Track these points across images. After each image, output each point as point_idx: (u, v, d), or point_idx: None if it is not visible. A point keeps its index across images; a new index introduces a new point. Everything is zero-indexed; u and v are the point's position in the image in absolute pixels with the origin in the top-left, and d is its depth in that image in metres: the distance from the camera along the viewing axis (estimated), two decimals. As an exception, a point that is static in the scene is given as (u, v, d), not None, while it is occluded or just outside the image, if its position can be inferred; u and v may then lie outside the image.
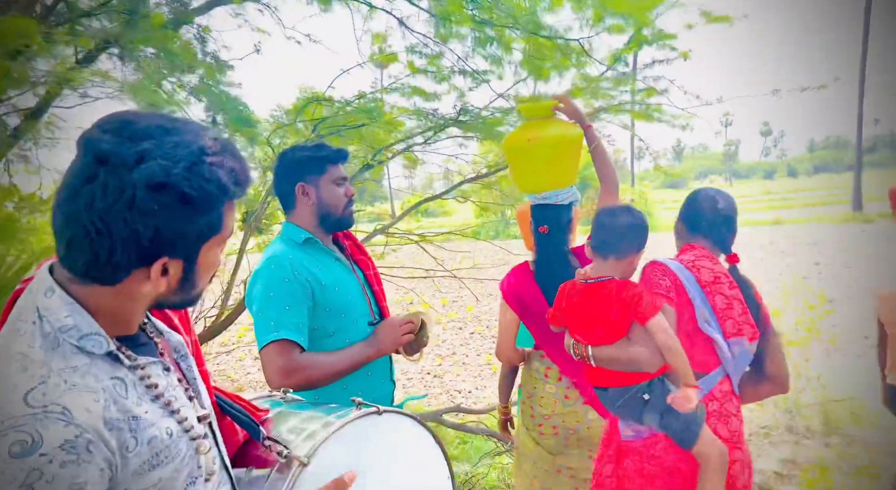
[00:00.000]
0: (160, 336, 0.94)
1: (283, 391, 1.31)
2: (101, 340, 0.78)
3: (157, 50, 2.79)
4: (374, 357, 1.84)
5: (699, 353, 1.75)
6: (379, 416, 1.10)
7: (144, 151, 0.74)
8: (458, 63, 2.91)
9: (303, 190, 1.88)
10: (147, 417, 0.79)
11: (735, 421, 1.79)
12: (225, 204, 0.82)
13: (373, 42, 3.41)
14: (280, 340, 1.68)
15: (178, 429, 0.83)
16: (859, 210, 23.45)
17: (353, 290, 1.91)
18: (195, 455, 0.85)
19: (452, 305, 10.56)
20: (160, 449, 0.79)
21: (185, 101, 3.07)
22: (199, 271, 0.85)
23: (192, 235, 0.80)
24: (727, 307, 1.78)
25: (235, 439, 1.08)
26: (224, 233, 0.85)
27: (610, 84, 2.96)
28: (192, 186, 0.76)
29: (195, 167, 0.76)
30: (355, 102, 3.11)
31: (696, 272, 1.80)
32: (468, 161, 4.06)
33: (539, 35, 2.43)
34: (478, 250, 5.12)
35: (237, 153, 0.84)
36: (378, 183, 5.84)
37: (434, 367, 7.21)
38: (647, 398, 1.69)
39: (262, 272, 1.79)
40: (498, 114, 3.09)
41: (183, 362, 0.96)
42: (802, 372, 4.50)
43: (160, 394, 0.83)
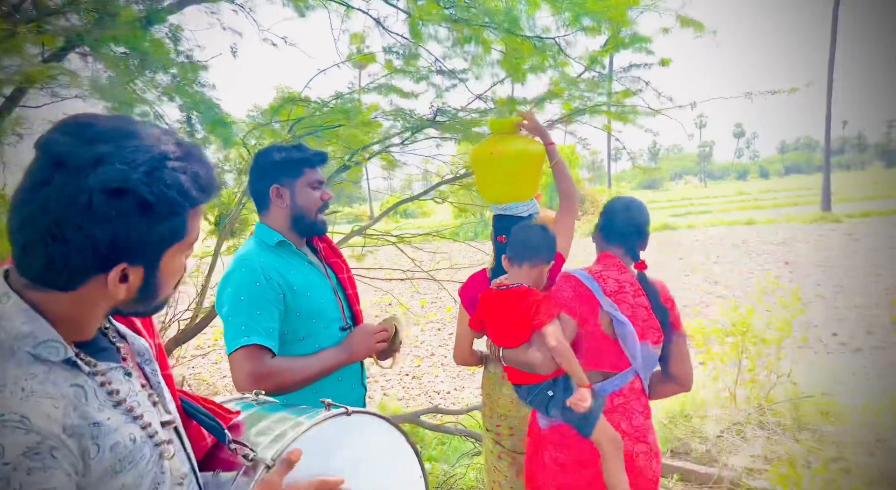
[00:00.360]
0: (123, 341, 0.93)
1: (255, 393, 1.30)
2: (58, 347, 0.76)
3: (127, 48, 2.74)
4: (346, 363, 1.83)
5: (609, 355, 1.94)
6: (348, 417, 1.09)
7: (102, 155, 0.72)
8: (435, 63, 2.92)
9: (277, 192, 1.85)
10: (109, 424, 0.78)
11: (640, 417, 1.95)
12: (189, 210, 0.80)
13: (350, 42, 3.39)
14: (250, 346, 1.66)
15: (141, 435, 0.82)
16: (828, 210, 24.00)
17: (326, 295, 1.89)
18: (159, 460, 0.84)
19: (431, 306, 10.56)
20: (123, 455, 0.78)
21: (158, 101, 3.02)
22: (161, 278, 0.83)
23: (153, 242, 0.78)
24: (632, 314, 1.94)
25: (203, 443, 1.07)
26: (188, 239, 0.83)
27: (587, 86, 2.99)
28: (151, 192, 0.74)
29: (155, 172, 0.75)
30: (332, 103, 3.09)
31: (602, 282, 1.97)
32: (446, 162, 4.06)
33: (516, 34, 2.44)
34: (456, 251, 5.13)
35: (203, 158, 0.82)
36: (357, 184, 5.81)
37: (413, 368, 7.19)
38: (550, 394, 1.90)
39: (233, 275, 1.76)
40: (475, 114, 3.10)
41: (147, 367, 0.95)
42: (774, 369, 4.59)
43: (122, 400, 0.82)
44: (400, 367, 7.22)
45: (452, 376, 6.77)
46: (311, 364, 1.75)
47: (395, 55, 3.00)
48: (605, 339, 1.94)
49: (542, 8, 2.52)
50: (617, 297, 1.94)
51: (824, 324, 7.86)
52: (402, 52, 2.96)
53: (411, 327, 9.20)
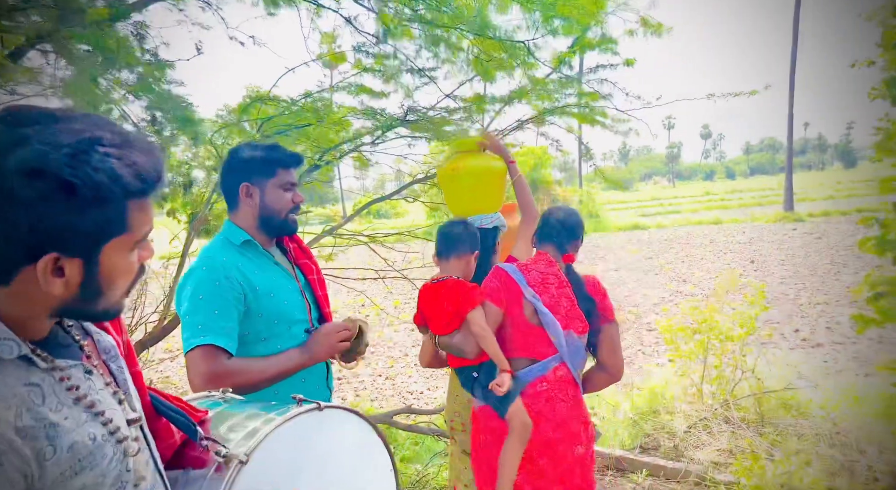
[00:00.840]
0: (87, 338, 0.91)
1: (222, 391, 1.29)
2: (10, 345, 0.74)
3: (91, 46, 2.68)
4: (307, 364, 1.79)
5: (534, 342, 2.09)
6: (320, 412, 1.10)
7: (23, 137, 0.70)
8: (405, 62, 2.92)
9: (247, 190, 1.83)
10: (66, 424, 0.76)
11: (563, 405, 2.05)
12: (128, 201, 0.76)
13: (321, 41, 3.38)
14: (206, 345, 1.63)
15: (102, 433, 0.80)
16: (791, 210, 24.67)
17: (291, 297, 1.86)
18: (123, 459, 0.82)
19: (405, 307, 10.54)
20: (83, 455, 0.76)
21: (123, 100, 2.96)
22: (104, 276, 0.79)
23: (84, 231, 0.74)
24: (554, 303, 2.09)
25: (172, 441, 1.06)
26: (133, 234, 0.79)
27: (556, 86, 3.02)
28: (75, 175, 0.70)
29: (81, 155, 0.71)
30: (301, 102, 3.07)
31: (527, 274, 2.13)
32: (418, 161, 4.07)
33: (486, 36, 2.46)
34: (429, 251, 5.13)
35: (146, 148, 0.78)
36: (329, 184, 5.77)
37: (386, 369, 7.18)
38: (475, 376, 2.11)
39: (193, 274, 1.74)
40: (445, 113, 3.11)
41: (113, 364, 0.93)
42: (739, 365, 4.71)
43: (82, 396, 0.80)
44: (373, 369, 7.20)
45: (426, 377, 6.77)
46: (270, 365, 1.72)
47: (364, 54, 2.99)
48: (530, 328, 2.09)
49: (511, 8, 2.55)
50: (539, 288, 2.10)
51: (787, 320, 8.09)
52: (372, 51, 2.96)
53: (375, 330, 9.18)
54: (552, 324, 2.06)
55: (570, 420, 2.06)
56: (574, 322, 2.10)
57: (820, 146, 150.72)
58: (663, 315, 8.11)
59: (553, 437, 2.03)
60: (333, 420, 1.13)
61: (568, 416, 2.05)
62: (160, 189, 0.81)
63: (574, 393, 2.09)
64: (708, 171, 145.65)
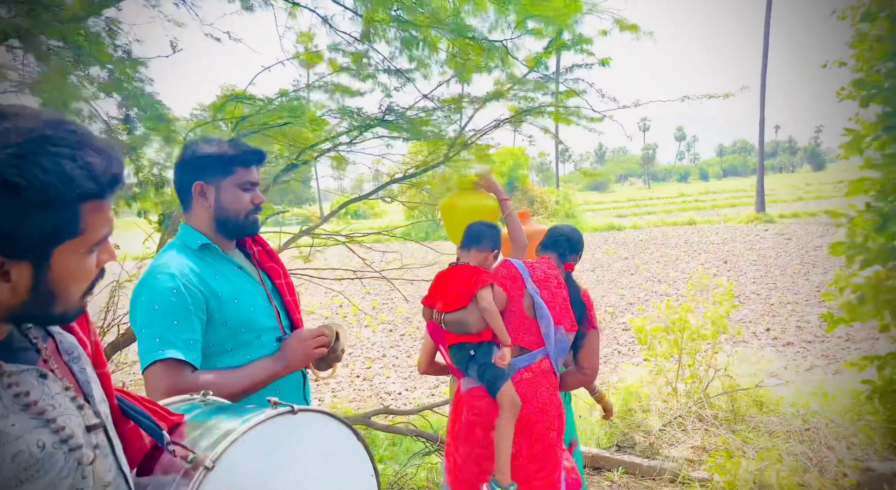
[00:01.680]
0: (48, 339, 0.87)
1: (202, 393, 1.26)
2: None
3: (61, 42, 2.62)
4: (281, 374, 1.66)
5: (526, 333, 2.29)
6: (294, 415, 1.07)
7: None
8: (383, 62, 2.91)
9: (200, 189, 1.68)
10: (11, 431, 0.72)
11: (544, 393, 2.25)
12: (81, 203, 0.73)
13: (297, 40, 3.35)
14: (165, 360, 1.50)
15: (52, 440, 0.77)
16: (762, 211, 25.17)
17: (257, 303, 1.72)
18: (77, 467, 0.79)
19: (382, 307, 10.51)
20: (28, 463, 0.73)
21: (94, 97, 2.90)
22: (56, 281, 0.76)
23: (32, 235, 0.71)
24: (551, 299, 2.30)
25: (141, 445, 1.02)
26: (87, 237, 0.76)
27: (533, 86, 3.04)
28: (21, 176, 0.67)
29: (29, 156, 0.68)
30: (277, 101, 3.04)
31: (532, 270, 2.34)
32: (396, 161, 4.06)
33: (463, 36, 2.47)
34: (407, 251, 5.13)
35: (102, 148, 0.75)
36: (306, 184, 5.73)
37: (363, 369, 7.14)
38: (472, 354, 2.24)
39: (147, 283, 1.59)
40: (422, 114, 3.11)
41: (75, 365, 0.89)
42: (712, 364, 4.79)
43: (31, 402, 0.76)
44: (351, 369, 7.16)
45: (404, 377, 6.76)
46: (241, 377, 1.58)
47: (341, 54, 2.98)
48: (526, 319, 2.29)
49: (488, 9, 2.56)
50: (541, 284, 2.32)
51: (758, 319, 8.25)
52: (349, 50, 2.94)
53: (352, 331, 9.13)
54: (546, 317, 2.26)
55: (549, 406, 2.24)
56: (565, 320, 2.30)
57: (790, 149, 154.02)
58: (638, 315, 8.21)
59: (532, 418, 2.21)
60: (309, 424, 1.10)
61: (546, 402, 2.24)
62: (118, 190, 0.78)
63: (553, 383, 2.28)
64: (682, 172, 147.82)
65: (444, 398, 5.37)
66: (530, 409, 2.20)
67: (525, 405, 2.19)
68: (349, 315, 9.99)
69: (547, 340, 2.27)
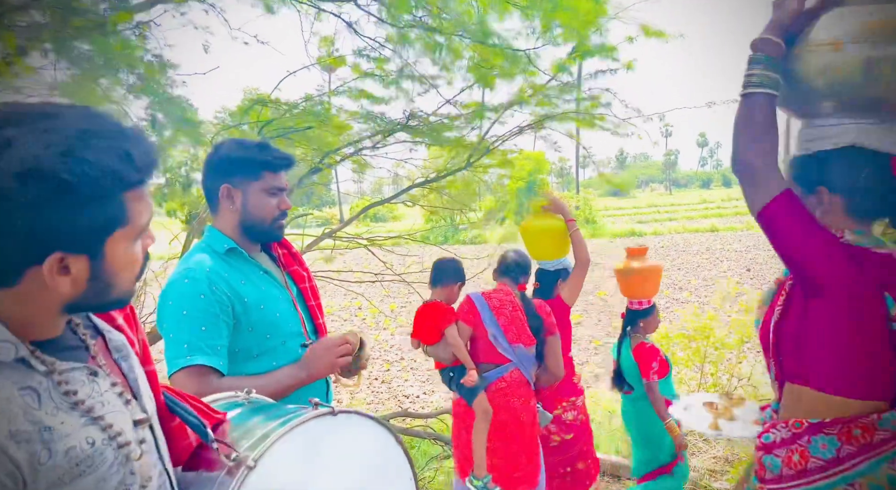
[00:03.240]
0: (97, 336, 0.90)
1: (245, 391, 1.27)
2: (7, 347, 0.73)
3: (92, 47, 2.69)
4: (305, 382, 1.65)
5: (494, 353, 2.69)
6: (334, 417, 1.07)
7: (10, 139, 0.69)
8: (406, 68, 2.93)
9: (227, 192, 1.67)
10: (63, 428, 0.75)
11: (517, 400, 2.65)
12: (125, 192, 0.76)
13: (320, 45, 3.39)
14: (193, 366, 1.49)
15: (101, 437, 0.79)
16: (787, 218, 24.68)
17: (283, 307, 1.71)
18: (126, 463, 0.81)
19: (401, 310, 10.54)
20: (80, 459, 0.75)
21: (124, 100, 2.96)
22: (110, 269, 0.78)
23: (87, 228, 0.73)
24: (508, 323, 2.70)
25: (187, 443, 1.04)
26: (134, 225, 0.79)
27: (555, 92, 3.04)
28: (70, 173, 0.69)
29: (75, 152, 0.70)
30: (302, 105, 3.08)
31: (489, 300, 2.72)
32: (417, 166, 4.08)
33: (486, 44, 2.47)
34: (426, 255, 5.14)
35: (137, 136, 0.78)
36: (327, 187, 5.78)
37: (382, 372, 7.17)
38: (452, 375, 2.70)
39: (174, 287, 1.58)
40: (445, 119, 3.13)
41: (124, 363, 0.91)
42: (735, 373, 4.72)
43: (80, 401, 0.79)
44: (369, 372, 7.19)
45: (422, 380, 6.77)
46: (266, 384, 1.56)
47: (365, 59, 3.00)
48: (490, 342, 2.69)
49: (512, 14, 2.56)
50: (497, 311, 2.72)
51: (783, 328, 8.09)
52: (373, 56, 2.97)
53: (371, 334, 9.17)
54: (501, 342, 2.68)
55: (520, 411, 2.65)
56: (523, 337, 2.70)
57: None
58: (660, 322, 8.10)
59: (506, 422, 2.62)
60: (349, 425, 1.10)
61: (519, 407, 2.65)
62: (154, 176, 0.81)
63: (526, 391, 2.70)
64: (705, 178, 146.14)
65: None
66: (504, 414, 2.62)
67: (499, 411, 2.62)
68: (368, 317, 10.04)
69: (511, 357, 2.68)
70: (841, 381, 1.30)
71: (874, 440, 1.26)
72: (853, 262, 1.28)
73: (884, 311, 1.26)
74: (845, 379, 1.30)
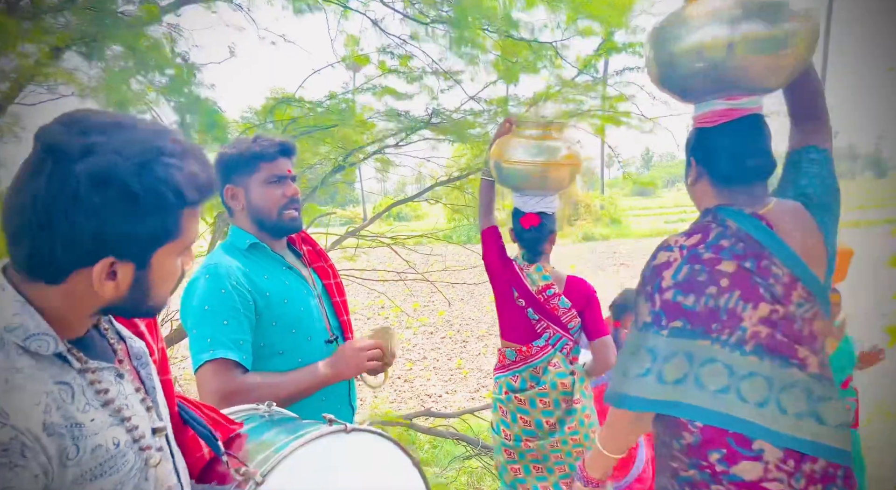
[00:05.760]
0: (121, 342, 0.91)
1: (267, 404, 1.27)
2: (48, 341, 0.75)
3: (125, 48, 2.74)
4: (332, 381, 1.63)
5: None
6: (346, 435, 1.06)
7: (93, 145, 0.72)
8: (430, 64, 2.93)
9: (231, 193, 1.68)
10: (92, 425, 0.76)
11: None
12: (183, 210, 0.79)
13: (346, 43, 3.41)
14: (216, 360, 1.49)
15: (126, 439, 0.80)
16: (819, 219, 24.14)
17: (307, 303, 1.71)
18: (144, 468, 0.82)
19: (424, 309, 10.55)
20: (104, 459, 0.76)
21: (155, 102, 3.02)
22: (154, 279, 0.81)
23: (141, 237, 0.76)
24: None
25: (200, 454, 1.04)
26: (184, 240, 0.81)
27: (581, 88, 3.01)
28: (141, 185, 0.73)
29: (148, 165, 0.74)
30: (326, 103, 3.10)
31: None
32: (440, 164, 4.08)
33: (512, 37, 2.45)
34: (449, 254, 5.14)
35: (202, 158, 0.81)
36: (350, 185, 5.82)
37: (405, 371, 7.19)
38: None
39: (196, 283, 1.60)
40: (470, 116, 3.12)
41: (143, 370, 0.92)
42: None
43: (110, 400, 0.80)
44: (392, 371, 7.21)
45: (444, 380, 6.77)
46: (289, 382, 1.56)
47: (390, 56, 3.01)
48: None
49: (538, 6, 2.53)
50: None
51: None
52: (397, 53, 2.98)
53: (396, 345, 9.19)
54: None
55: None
56: None
57: (850, 155, 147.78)
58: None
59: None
60: (361, 443, 1.08)
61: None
62: (211, 198, 0.84)
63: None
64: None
65: (484, 402, 5.36)
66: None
67: None
68: (390, 316, 10.07)
69: None
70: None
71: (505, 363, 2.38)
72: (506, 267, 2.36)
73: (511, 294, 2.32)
74: None
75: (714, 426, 1.31)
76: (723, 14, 1.33)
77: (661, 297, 1.38)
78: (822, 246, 1.42)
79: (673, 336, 1.35)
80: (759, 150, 1.49)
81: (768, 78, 1.41)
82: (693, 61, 1.40)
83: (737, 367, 1.32)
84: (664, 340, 1.36)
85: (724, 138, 1.47)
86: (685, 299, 1.35)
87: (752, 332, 1.33)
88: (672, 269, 1.38)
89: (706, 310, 1.34)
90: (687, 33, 1.39)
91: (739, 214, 1.42)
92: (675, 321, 1.35)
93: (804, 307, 1.36)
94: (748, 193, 1.47)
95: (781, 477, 1.28)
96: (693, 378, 1.33)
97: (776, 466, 1.28)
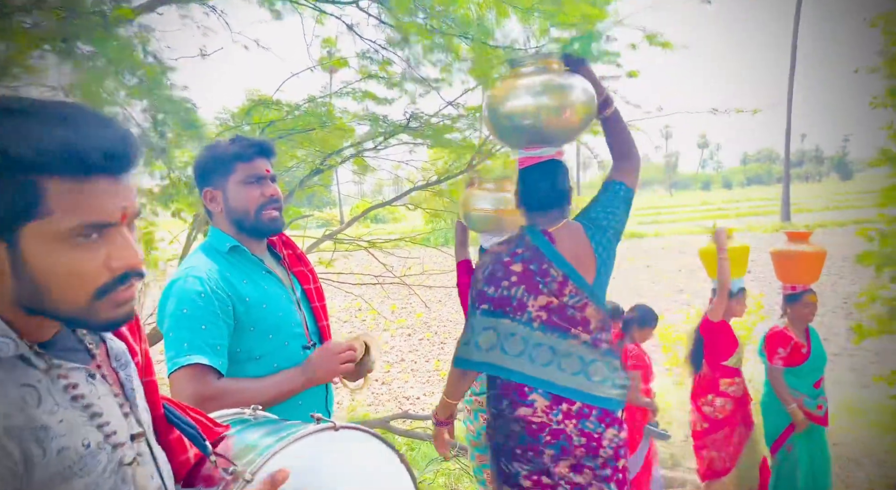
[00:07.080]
0: (100, 344, 0.88)
1: (252, 408, 1.26)
2: (7, 343, 0.72)
3: (94, 48, 2.69)
4: (305, 387, 1.62)
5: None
6: (335, 432, 1.05)
7: None
8: (408, 70, 2.93)
9: (210, 196, 1.66)
10: (60, 427, 0.73)
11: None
12: (48, 178, 0.68)
13: (323, 46, 3.39)
14: (192, 365, 1.47)
15: (98, 440, 0.77)
16: (787, 220, 24.73)
17: (286, 308, 1.69)
18: (118, 469, 0.79)
19: (401, 311, 10.54)
20: (73, 460, 0.73)
21: (127, 102, 2.96)
22: (35, 269, 0.71)
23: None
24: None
25: (185, 457, 1.02)
26: (56, 221, 0.69)
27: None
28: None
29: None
30: (304, 106, 3.08)
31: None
32: (418, 167, 4.08)
33: (487, 44, 2.47)
34: (427, 257, 5.14)
35: (88, 123, 0.70)
36: (327, 188, 5.78)
37: (382, 373, 7.17)
38: None
39: (174, 286, 1.57)
40: (447, 121, 3.13)
41: (122, 371, 0.89)
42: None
43: (80, 395, 0.77)
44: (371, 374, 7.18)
45: (422, 382, 6.77)
46: (264, 387, 1.55)
47: (368, 61, 3.00)
48: None
49: (510, 18, 2.55)
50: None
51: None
52: (376, 58, 2.97)
53: (379, 350, 9.15)
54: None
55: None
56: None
57: (817, 158, 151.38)
58: (661, 323, 8.11)
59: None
60: (351, 441, 1.08)
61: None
62: (109, 170, 0.70)
63: None
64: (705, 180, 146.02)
65: (461, 404, 5.37)
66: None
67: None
68: (368, 319, 10.03)
69: None
70: None
71: None
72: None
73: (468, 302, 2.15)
74: None
75: (510, 382, 1.93)
76: (525, 90, 1.94)
77: (476, 288, 2.00)
78: (592, 256, 1.97)
79: (483, 315, 1.97)
80: (550, 188, 1.99)
81: (559, 133, 1.99)
82: (506, 121, 1.99)
83: (529, 338, 1.91)
84: (478, 319, 1.98)
85: (528, 178, 2.02)
86: (488, 289, 1.97)
87: (536, 315, 1.92)
88: (483, 267, 2.02)
89: (501, 297, 1.95)
90: (502, 102, 1.98)
91: (533, 231, 1.99)
92: (483, 304, 1.97)
93: (575, 298, 1.92)
94: (546, 217, 2.00)
95: (544, 417, 1.89)
96: (500, 346, 1.93)
97: (543, 411, 1.90)
